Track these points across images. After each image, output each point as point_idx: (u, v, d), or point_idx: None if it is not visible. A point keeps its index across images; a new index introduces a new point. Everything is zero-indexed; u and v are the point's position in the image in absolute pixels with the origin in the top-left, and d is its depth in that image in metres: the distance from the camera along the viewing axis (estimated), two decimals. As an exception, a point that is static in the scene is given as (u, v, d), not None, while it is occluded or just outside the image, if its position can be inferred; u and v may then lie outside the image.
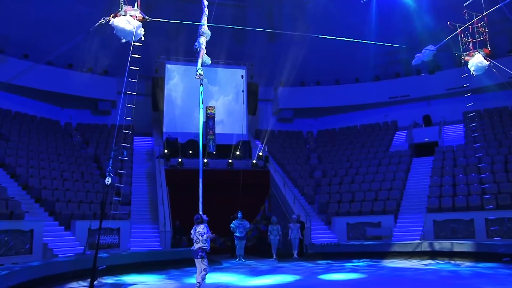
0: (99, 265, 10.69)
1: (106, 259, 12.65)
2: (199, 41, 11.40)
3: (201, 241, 9.51)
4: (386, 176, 21.65)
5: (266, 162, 23.25)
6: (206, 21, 11.62)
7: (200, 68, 11.22)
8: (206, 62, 11.57)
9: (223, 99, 26.45)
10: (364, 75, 28.17)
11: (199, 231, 9.62)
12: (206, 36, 11.47)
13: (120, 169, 18.57)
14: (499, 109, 24.55)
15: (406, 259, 15.78)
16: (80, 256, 13.15)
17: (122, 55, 12.97)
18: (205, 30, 11.48)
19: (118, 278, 12.49)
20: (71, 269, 11.98)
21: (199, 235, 9.55)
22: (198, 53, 11.32)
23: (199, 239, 9.54)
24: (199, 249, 9.53)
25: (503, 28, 21.19)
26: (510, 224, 15.94)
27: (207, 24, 11.53)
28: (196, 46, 11.38)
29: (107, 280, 11.98)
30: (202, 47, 11.33)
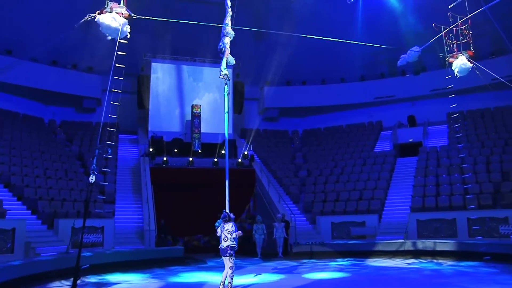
0: (82, 264, 10.60)
1: (90, 258, 12.54)
2: (223, 41, 11.32)
3: (230, 239, 9.53)
4: (370, 175, 21.81)
5: (251, 161, 23.27)
6: (230, 22, 11.59)
7: (225, 68, 11.13)
8: (231, 62, 11.47)
9: (208, 98, 26.38)
10: (349, 75, 28.35)
11: (227, 229, 9.63)
12: (230, 37, 11.41)
13: (105, 167, 18.43)
14: (482, 110, 24.91)
15: (389, 258, 15.92)
16: (63, 255, 13.01)
17: (107, 52, 12.89)
18: (229, 31, 11.41)
19: (101, 277, 12.39)
20: (53, 268, 11.84)
21: (228, 233, 9.56)
22: (222, 53, 11.24)
23: (227, 237, 9.55)
24: (227, 247, 9.55)
25: (486, 31, 21.51)
26: (491, 223, 16.19)
27: (230, 26, 11.55)
28: (220, 46, 11.30)
29: (91, 279, 11.87)
30: (226, 47, 11.26)
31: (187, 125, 25.06)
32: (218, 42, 11.34)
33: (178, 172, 21.28)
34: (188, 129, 24.82)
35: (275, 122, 29.76)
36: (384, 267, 13.96)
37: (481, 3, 14.65)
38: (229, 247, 9.54)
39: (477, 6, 14.26)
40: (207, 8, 25.52)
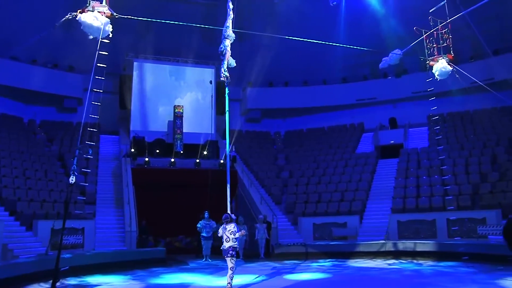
0: (62, 266, 10.46)
1: (70, 260, 12.39)
2: (224, 44, 11.44)
3: (232, 240, 9.60)
4: (352, 177, 21.97)
5: (233, 162, 23.22)
6: (231, 24, 11.63)
7: (226, 70, 11.29)
8: (232, 65, 11.55)
9: (191, 98, 26.28)
10: (332, 77, 28.54)
11: (230, 230, 9.68)
12: (231, 39, 11.52)
13: (85, 167, 18.25)
14: (461, 113, 25.29)
15: (371, 259, 16.06)
16: (42, 256, 12.82)
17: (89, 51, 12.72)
18: (230, 33, 11.52)
19: (81, 279, 12.24)
20: (32, 271, 11.65)
21: (230, 234, 9.62)
22: (223, 56, 11.35)
23: (229, 238, 9.62)
24: (229, 248, 9.64)
25: (465, 35, 21.88)
26: (469, 224, 16.45)
27: (231, 29, 11.57)
28: (221, 49, 11.41)
29: (70, 281, 11.72)
30: (227, 49, 11.38)
31: (169, 125, 24.92)
32: (219, 44, 11.41)
33: (160, 173, 21.15)
34: (170, 129, 24.69)
35: (258, 123, 29.77)
36: (365, 268, 14.08)
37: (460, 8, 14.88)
38: (231, 248, 9.64)
39: (457, 11, 14.50)
40: (191, 8, 25.49)
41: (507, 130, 22.21)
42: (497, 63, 22.98)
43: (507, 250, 13.50)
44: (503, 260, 13.33)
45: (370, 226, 18.77)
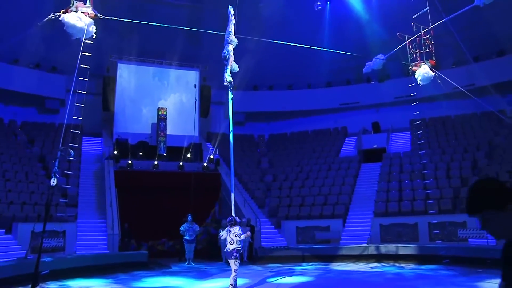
0: (42, 269, 10.32)
1: (50, 263, 12.23)
2: (227, 49, 11.61)
3: (236, 242, 9.75)
4: (335, 181, 22.09)
5: (217, 165, 23.18)
6: (233, 29, 11.79)
7: (229, 75, 11.45)
8: (235, 70, 11.75)
9: (175, 101, 26.17)
10: (316, 81, 28.68)
11: (235, 232, 9.85)
12: (233, 44, 11.68)
13: (67, 169, 18.03)
14: (443, 118, 25.63)
15: (353, 262, 16.15)
16: (21, 260, 12.62)
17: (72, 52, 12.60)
18: (232, 39, 11.70)
19: (62, 283, 12.08)
20: (11, 274, 11.46)
21: (235, 236, 9.78)
22: (227, 61, 11.51)
23: (234, 240, 9.76)
24: (233, 250, 9.79)
25: (447, 42, 22.17)
26: (450, 227, 16.68)
27: (233, 34, 11.68)
28: (224, 54, 11.57)
29: (51, 286, 11.55)
30: (230, 54, 11.54)
31: (153, 128, 24.78)
32: (222, 49, 11.60)
33: (143, 176, 21.01)
34: (154, 132, 24.55)
35: (242, 126, 29.73)
36: (347, 271, 14.15)
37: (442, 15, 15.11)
38: (235, 250, 9.81)
39: (439, 17, 14.71)
40: (175, 10, 25.39)
41: (487, 135, 22.61)
42: (478, 70, 23.36)
43: (487, 253, 13.73)
44: (482, 263, 13.54)
45: (353, 230, 18.87)
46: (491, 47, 24.19)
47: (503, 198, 2.09)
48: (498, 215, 2.07)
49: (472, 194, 2.16)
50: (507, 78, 23.11)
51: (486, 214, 2.10)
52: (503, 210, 2.07)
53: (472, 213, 2.16)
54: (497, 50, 24.35)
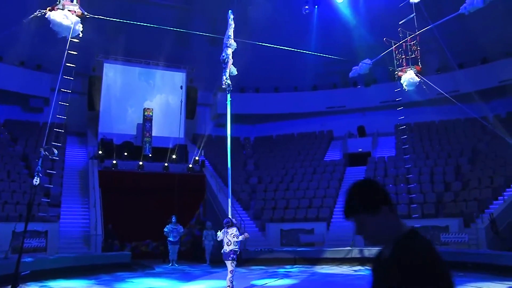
0: (22, 270, 10.17)
1: (31, 264, 12.07)
2: (226, 53, 11.74)
3: (233, 243, 9.79)
4: (320, 184, 22.17)
5: (202, 167, 23.11)
6: (233, 33, 11.92)
7: (228, 78, 11.66)
8: (233, 73, 11.91)
9: (161, 102, 26.02)
10: (302, 84, 28.76)
11: (232, 233, 9.89)
12: (232, 48, 11.80)
13: (51, 169, 17.83)
14: (428, 123, 25.91)
15: (337, 265, 16.22)
16: (1, 260, 12.43)
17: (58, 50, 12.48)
18: (232, 42, 11.81)
19: (43, 284, 11.92)
20: (-9, 274, 11.29)
21: (233, 237, 9.82)
22: (225, 64, 11.64)
23: (231, 242, 9.80)
24: (231, 251, 9.84)
25: (433, 48, 22.44)
26: (433, 232, 16.83)
27: (233, 38, 11.96)
28: (223, 57, 11.70)
29: (31, 287, 11.40)
30: (229, 58, 11.68)
31: (138, 128, 24.61)
32: (221, 53, 11.68)
33: (128, 176, 20.85)
34: (139, 132, 24.38)
35: (228, 128, 29.68)
36: (331, 274, 14.21)
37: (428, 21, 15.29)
38: (232, 251, 9.86)
39: (426, 24, 14.88)
40: (163, 11, 25.30)
41: (470, 141, 22.93)
42: (462, 76, 23.67)
43: (468, 257, 13.93)
44: (464, 267, 13.72)
45: (337, 233, 18.93)
46: (475, 55, 24.54)
47: (377, 201, 1.97)
48: (372, 218, 1.95)
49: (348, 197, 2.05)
50: (491, 85, 23.49)
51: (360, 217, 1.98)
52: (377, 213, 1.95)
53: (347, 216, 2.04)
54: (481, 58, 24.72)
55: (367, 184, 2.07)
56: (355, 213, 2.01)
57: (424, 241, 1.93)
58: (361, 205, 1.98)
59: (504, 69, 22.67)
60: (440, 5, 19.53)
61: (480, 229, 15.76)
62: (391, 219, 1.99)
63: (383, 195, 2.00)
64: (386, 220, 1.97)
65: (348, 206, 2.04)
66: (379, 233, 1.99)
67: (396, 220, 2.00)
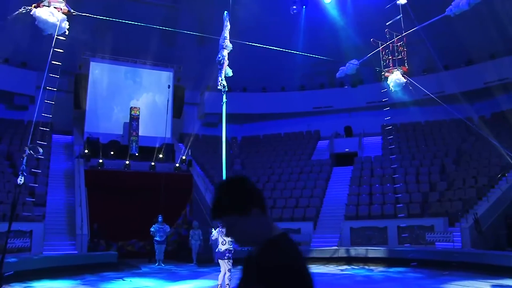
0: (6, 270, 10.05)
1: (15, 264, 11.93)
2: (222, 54, 11.80)
3: (228, 242, 9.93)
4: (307, 184, 22.23)
5: (189, 166, 23.04)
6: (228, 35, 12.02)
7: (223, 79, 11.74)
8: (228, 74, 11.98)
9: (148, 101, 25.87)
10: (290, 84, 28.81)
11: None
12: (228, 49, 11.88)
13: (36, 168, 17.63)
14: (414, 123, 26.14)
15: (323, 265, 16.28)
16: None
17: (43, 47, 12.35)
18: (228, 44, 11.88)
19: (27, 284, 11.78)
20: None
21: (227, 237, 9.62)
22: (221, 65, 11.72)
23: (226, 241, 9.94)
24: (226, 250, 10.03)
25: (419, 49, 22.64)
26: (418, 231, 17.01)
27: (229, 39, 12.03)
28: (219, 58, 11.76)
29: (15, 287, 11.25)
30: (225, 59, 11.75)
31: (125, 127, 24.44)
32: (217, 54, 11.74)
33: (114, 175, 20.71)
34: (126, 131, 24.22)
35: (215, 127, 29.59)
36: (318, 274, 14.25)
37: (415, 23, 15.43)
38: (227, 251, 10.02)
39: (412, 25, 15.02)
40: (151, 9, 25.17)
41: (455, 142, 23.19)
42: (448, 78, 23.94)
43: (453, 256, 14.10)
44: (448, 266, 13.93)
45: (324, 233, 19.03)
46: (460, 56, 24.82)
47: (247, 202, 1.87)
48: (242, 220, 1.86)
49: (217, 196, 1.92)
50: (475, 86, 23.78)
51: (230, 218, 1.88)
52: (247, 215, 1.86)
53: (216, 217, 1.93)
54: (466, 59, 25.02)
55: (239, 184, 1.93)
56: (224, 214, 1.90)
57: (288, 246, 1.87)
58: (231, 206, 1.87)
59: (488, 71, 22.95)
60: (427, 7, 19.70)
61: (464, 228, 15.95)
62: (262, 222, 1.91)
63: (255, 196, 1.91)
64: (256, 223, 1.89)
65: (217, 206, 1.92)
66: (248, 235, 1.90)
67: (268, 223, 1.92)
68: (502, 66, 22.60)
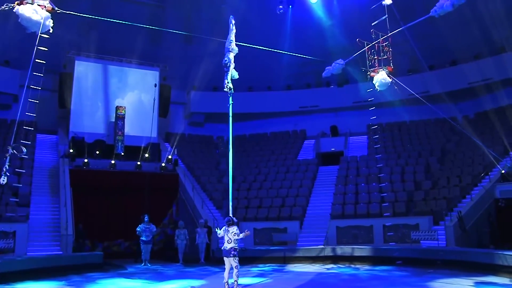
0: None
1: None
2: (229, 57, 12.08)
3: (233, 241, 10.32)
4: (293, 183, 22.29)
5: (175, 166, 22.95)
6: (234, 38, 12.30)
7: (230, 82, 11.94)
8: (234, 76, 12.24)
9: (134, 100, 25.66)
10: (276, 84, 28.88)
11: (233, 231, 10.41)
12: (234, 52, 12.18)
13: (19, 168, 17.41)
14: (399, 123, 26.38)
15: (310, 264, 16.34)
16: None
17: (27, 46, 12.20)
18: (233, 47, 12.20)
19: (11, 286, 11.61)
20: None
21: (234, 235, 10.31)
22: (227, 68, 11.97)
23: (231, 240, 10.33)
24: (231, 249, 10.36)
25: (404, 50, 22.85)
26: (404, 230, 17.17)
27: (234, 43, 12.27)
28: (225, 61, 12.03)
29: (-2, 288, 11.12)
30: (231, 62, 12.06)
31: (111, 126, 24.25)
32: (223, 57, 11.96)
33: (99, 175, 20.53)
34: (111, 130, 24.03)
35: (201, 127, 29.58)
36: (304, 272, 14.30)
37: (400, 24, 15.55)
38: (232, 249, 10.37)
39: (397, 26, 15.14)
40: (137, 8, 25.04)
41: (440, 141, 23.46)
42: (432, 78, 24.23)
43: (437, 255, 14.27)
44: (433, 264, 14.09)
45: (310, 232, 19.09)
46: (444, 57, 25.11)
47: None
48: None
49: None
50: (459, 86, 24.09)
51: None
52: None
53: None
54: (450, 60, 25.30)
55: None
56: None
57: None
58: None
59: (472, 72, 23.26)
60: (412, 7, 19.93)
61: (448, 227, 16.14)
62: None
63: None
64: None
65: None
66: None
67: None
68: (485, 66, 22.92)
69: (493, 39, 21.83)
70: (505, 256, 12.24)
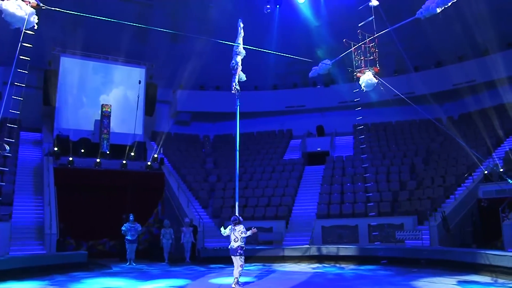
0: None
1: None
2: (236, 60, 12.56)
3: (240, 240, 10.60)
4: (279, 182, 22.34)
5: (161, 165, 22.82)
6: (242, 41, 12.73)
7: (237, 84, 12.59)
8: (242, 79, 12.76)
9: (119, 98, 25.45)
10: (263, 84, 28.88)
11: (240, 230, 10.68)
12: (242, 55, 12.65)
13: (3, 166, 17.17)
14: (385, 123, 26.60)
15: (295, 263, 16.39)
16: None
17: (11, 42, 12.03)
18: (241, 50, 12.64)
19: (-7, 285, 11.48)
20: None
21: (241, 234, 10.59)
22: (235, 70, 12.49)
23: (238, 238, 10.61)
24: (238, 247, 10.66)
25: (390, 50, 23.02)
26: (389, 229, 17.32)
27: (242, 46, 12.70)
28: (233, 64, 12.56)
29: (-20, 288, 10.96)
30: (238, 64, 12.54)
31: (96, 124, 24.03)
32: (230, 60, 12.55)
33: (84, 173, 20.34)
34: (97, 129, 23.81)
35: (187, 126, 29.50)
36: (289, 272, 14.35)
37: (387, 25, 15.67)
38: (239, 247, 10.67)
39: (384, 27, 15.24)
40: (124, 5, 24.81)
41: (425, 142, 23.71)
42: (417, 79, 24.48)
43: (421, 254, 14.43)
44: (417, 263, 14.26)
45: (296, 231, 19.16)
46: (430, 58, 25.39)
47: None
48: None
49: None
50: (444, 88, 24.36)
51: None
52: None
53: None
54: (435, 61, 25.58)
55: None
56: None
57: None
58: None
59: (457, 73, 23.55)
60: (398, 9, 20.06)
61: (432, 226, 16.32)
62: None
63: None
64: None
65: None
66: None
67: None
68: (469, 68, 23.21)
69: (477, 42, 22.12)
70: (487, 255, 12.42)
